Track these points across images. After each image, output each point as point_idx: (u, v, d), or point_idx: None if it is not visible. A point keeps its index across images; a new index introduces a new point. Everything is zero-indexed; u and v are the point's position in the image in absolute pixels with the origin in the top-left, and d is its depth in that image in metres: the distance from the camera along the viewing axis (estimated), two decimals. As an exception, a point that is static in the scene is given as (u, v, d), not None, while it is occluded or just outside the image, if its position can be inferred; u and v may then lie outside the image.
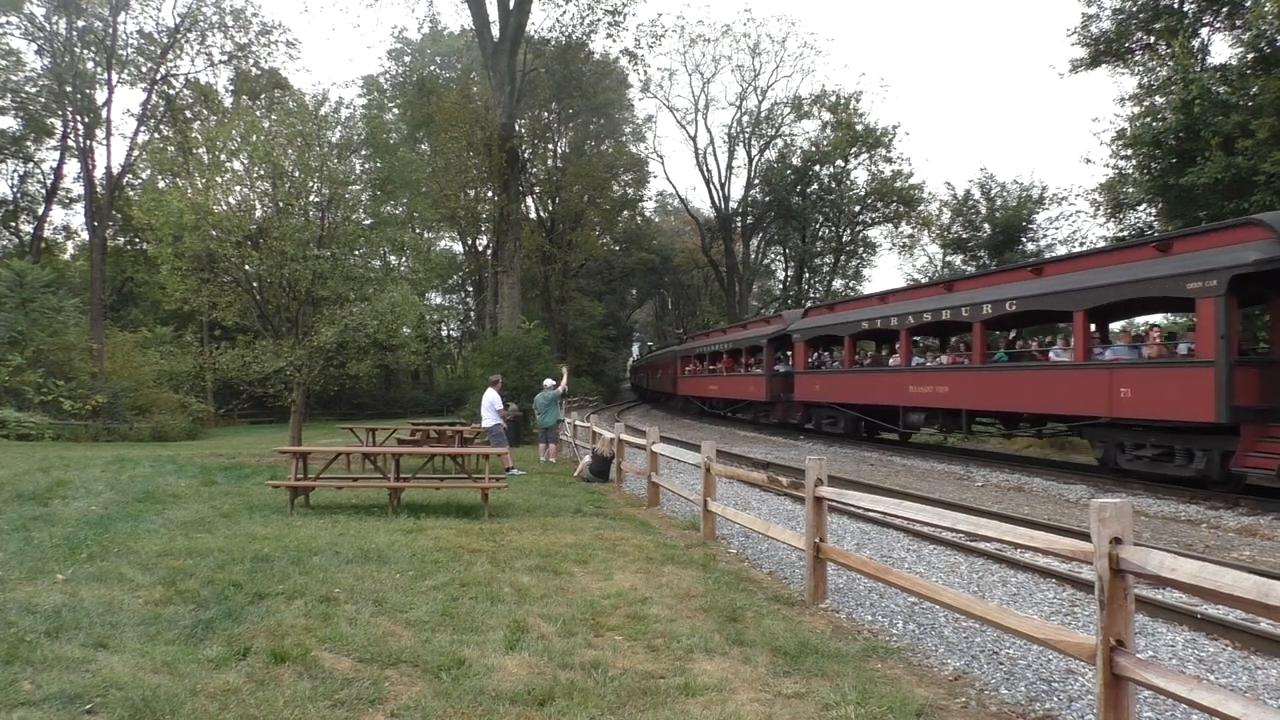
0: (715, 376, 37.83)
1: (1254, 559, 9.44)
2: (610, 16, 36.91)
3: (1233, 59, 25.24)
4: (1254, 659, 5.93)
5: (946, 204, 45.87)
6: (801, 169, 56.27)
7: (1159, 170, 24.50)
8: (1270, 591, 3.16)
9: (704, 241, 61.94)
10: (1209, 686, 3.77)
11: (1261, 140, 21.08)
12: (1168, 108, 24.06)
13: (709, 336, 42.56)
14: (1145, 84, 27.68)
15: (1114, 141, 27.66)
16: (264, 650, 5.33)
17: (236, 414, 42.72)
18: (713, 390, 38.50)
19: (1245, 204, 21.09)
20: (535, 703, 4.66)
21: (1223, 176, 21.59)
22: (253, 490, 13.46)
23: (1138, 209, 28.36)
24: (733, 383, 35.28)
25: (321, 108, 21.58)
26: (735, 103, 58.72)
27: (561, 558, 8.38)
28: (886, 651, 5.86)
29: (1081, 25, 29.72)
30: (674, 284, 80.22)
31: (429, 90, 48.80)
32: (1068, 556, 4.43)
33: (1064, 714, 4.85)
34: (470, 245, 58.64)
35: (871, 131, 54.86)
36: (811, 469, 7.22)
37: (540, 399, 19.52)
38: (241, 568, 7.57)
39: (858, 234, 59.72)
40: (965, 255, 43.69)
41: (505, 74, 31.23)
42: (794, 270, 62.71)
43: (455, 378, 57.78)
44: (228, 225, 18.55)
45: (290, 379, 19.13)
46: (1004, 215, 41.26)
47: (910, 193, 54.13)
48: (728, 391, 36.19)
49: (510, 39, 31.04)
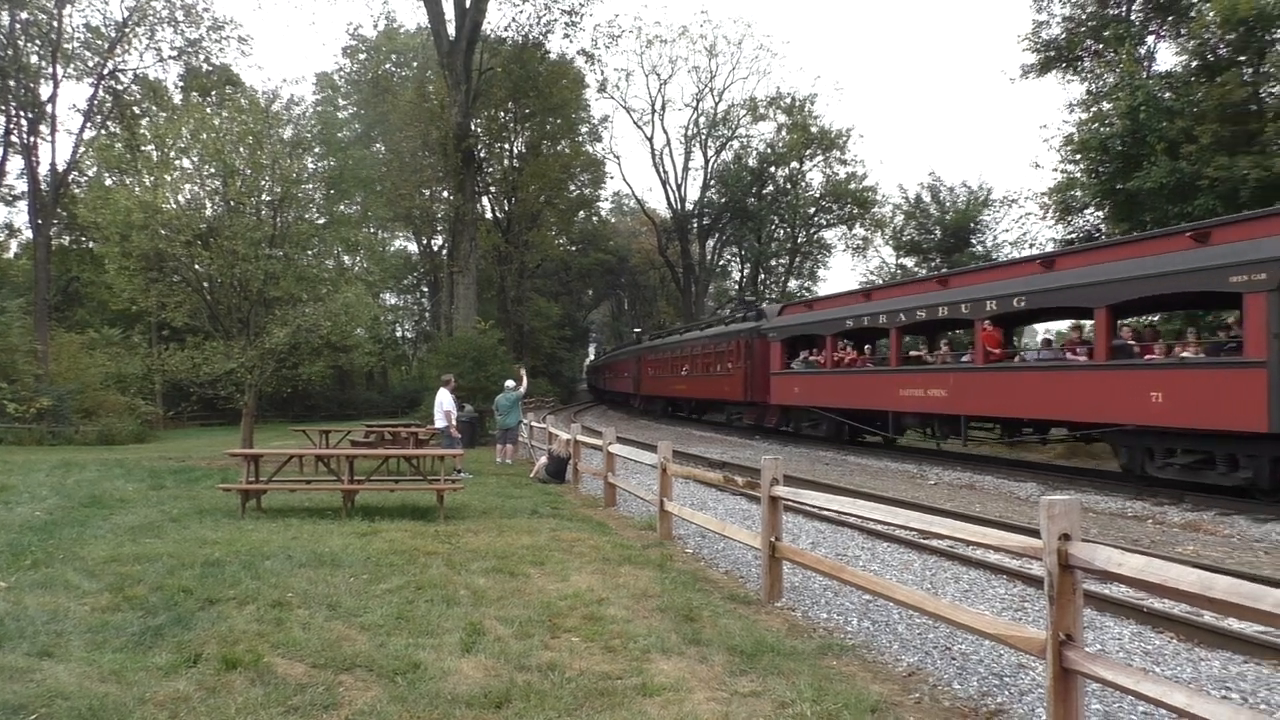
0: (685, 376, 36.22)
1: (1198, 553, 9.66)
2: (567, 16, 36.89)
3: (1177, 66, 25.86)
4: (1198, 650, 6.07)
5: (899, 207, 46.46)
6: (757, 170, 56.66)
7: (1106, 175, 25.00)
8: (1213, 585, 3.24)
9: (660, 242, 62.08)
10: (1155, 678, 3.86)
11: (1205, 145, 21.60)
12: (1115, 113, 24.56)
13: (677, 334, 40.87)
14: (1093, 90, 28.25)
15: (1063, 146, 28.17)
16: (215, 657, 5.26)
17: (186, 416, 41.89)
18: (681, 390, 37.16)
19: (1189, 208, 21.60)
20: (492, 705, 4.64)
21: (1168, 181, 22.08)
22: (203, 494, 13.26)
23: (1085, 212, 28.90)
24: (704, 382, 33.66)
25: (274, 105, 21.28)
26: (692, 104, 59.09)
27: (518, 559, 8.36)
28: (842, 649, 5.92)
29: (1033, 31, 30.23)
30: (631, 284, 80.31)
31: (384, 88, 48.50)
32: (1018, 553, 4.51)
33: (1015, 708, 4.92)
34: (425, 245, 58.28)
35: (826, 134, 55.41)
36: (767, 469, 7.27)
37: (503, 400, 19.45)
38: (192, 573, 7.45)
39: (813, 235, 60.25)
40: (918, 258, 44.22)
41: (461, 73, 31.02)
42: (750, 271, 63.11)
43: (410, 379, 57.40)
44: (177, 224, 18.22)
45: (241, 381, 18.84)
46: (953, 218, 41.84)
47: (864, 195, 54.77)
48: (699, 391, 34.65)
49: (466, 38, 30.84)
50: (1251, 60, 23.13)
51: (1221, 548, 10.21)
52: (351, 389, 57.51)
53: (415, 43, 52.07)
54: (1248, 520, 11.70)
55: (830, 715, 4.55)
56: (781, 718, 4.56)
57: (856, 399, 21.99)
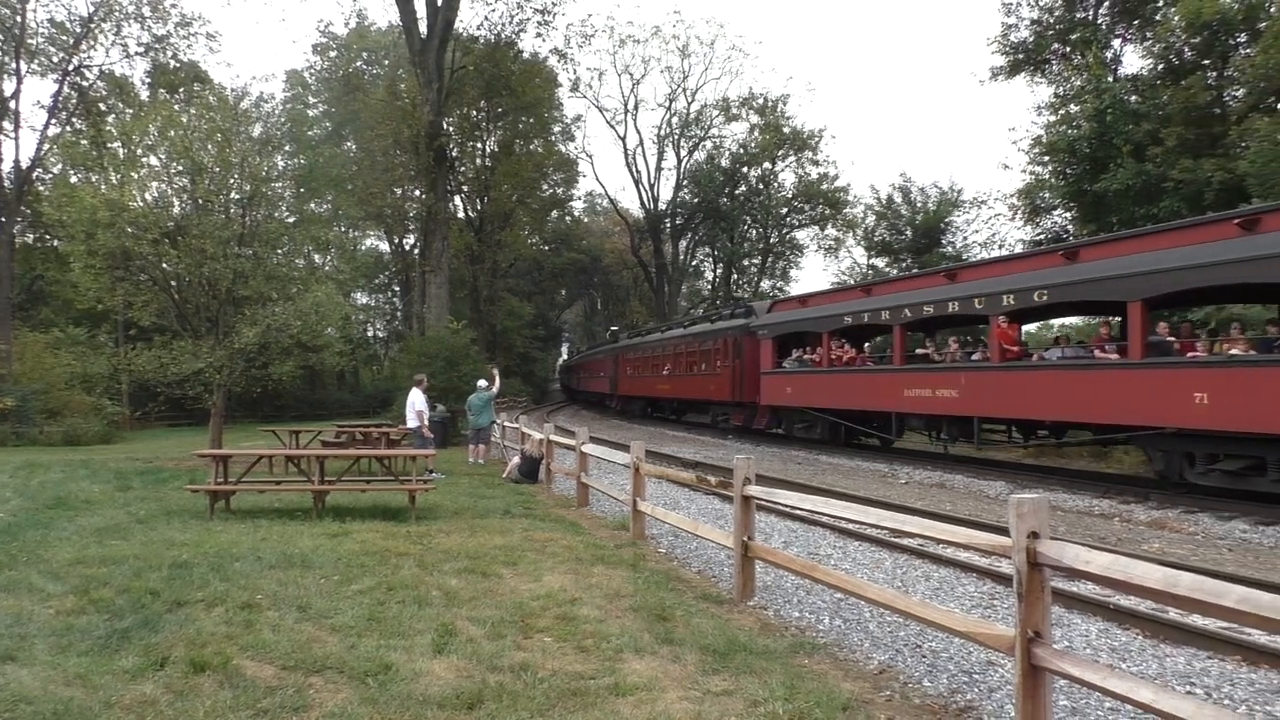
0: (667, 376, 34.84)
1: (1163, 551, 9.80)
2: (540, 16, 36.82)
3: (1144, 70, 26.28)
4: (1163, 647, 6.15)
5: (871, 207, 46.75)
6: (730, 171, 56.83)
7: (1074, 176, 25.33)
8: (1177, 582, 3.29)
9: (633, 242, 62.09)
10: (1121, 674, 3.91)
11: (1170, 148, 21.94)
12: (1082, 116, 24.90)
13: (659, 332, 39.55)
14: (1061, 93, 28.61)
15: (1031, 148, 28.51)
16: (183, 659, 5.20)
17: (154, 417, 41.34)
18: (663, 390, 35.76)
19: (1155, 209, 21.92)
20: (464, 706, 4.63)
21: (1134, 183, 22.42)
22: (171, 495, 13.13)
23: (1053, 213, 29.25)
24: (689, 382, 32.24)
25: (243, 102, 21.10)
26: (665, 104, 59.12)
27: (490, 559, 8.33)
28: (813, 647, 5.95)
29: (1002, 35, 30.60)
30: (603, 284, 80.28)
31: (355, 86, 48.13)
32: (988, 551, 4.55)
33: (984, 704, 4.97)
34: (397, 244, 57.91)
35: (799, 134, 55.68)
36: (739, 468, 7.29)
37: (475, 400, 19.37)
38: (159, 575, 7.37)
39: (785, 236, 60.51)
40: (889, 258, 44.51)
41: (433, 71, 30.86)
42: (722, 271, 63.27)
43: (382, 379, 56.97)
44: (144, 222, 18.01)
45: (210, 381, 18.66)
46: (924, 218, 42.16)
47: (836, 195, 55.09)
48: (682, 392, 33.29)
49: (438, 36, 30.68)
50: (1215, 64, 23.54)
51: (1186, 545, 10.36)
52: (322, 389, 57.07)
53: (386, 40, 51.77)
54: (1212, 518, 11.87)
55: (802, 713, 4.57)
56: (754, 716, 4.57)
57: (856, 400, 20.97)
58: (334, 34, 54.39)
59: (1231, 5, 22.20)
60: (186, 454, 20.01)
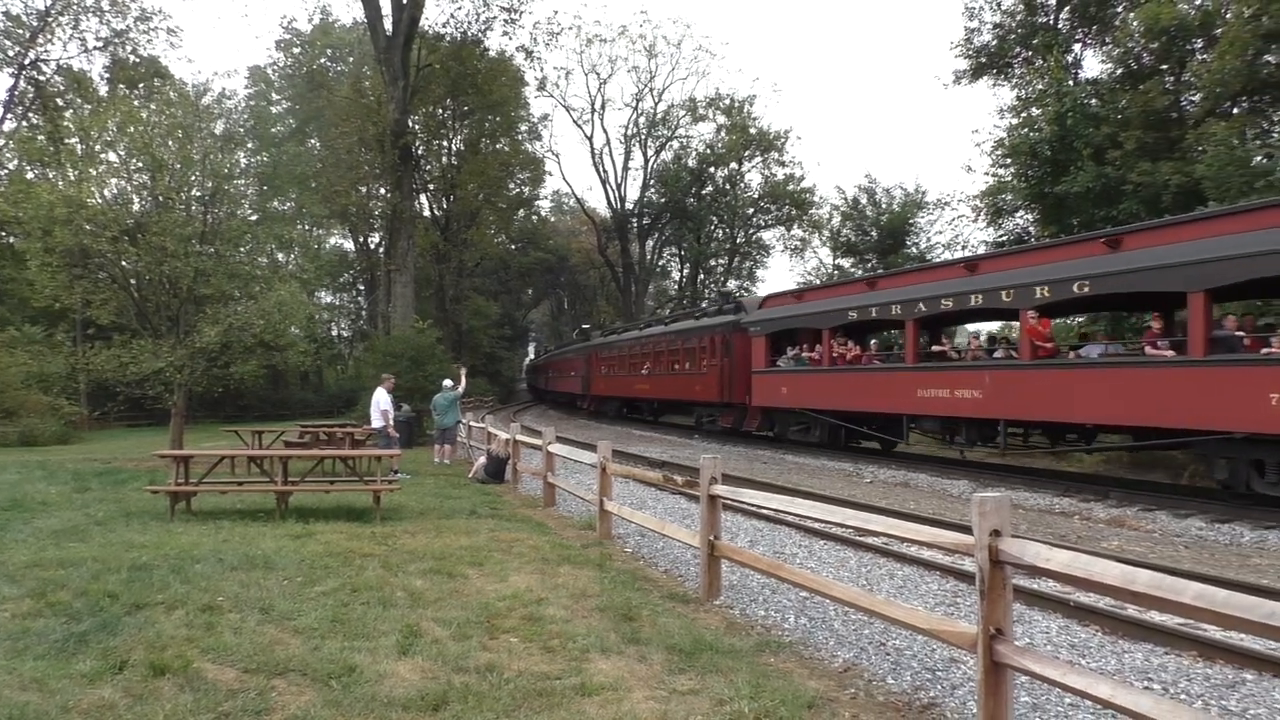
0: (646, 375, 33.33)
1: (1121, 548, 9.96)
2: (506, 14, 36.62)
3: (1103, 74, 26.65)
4: (1121, 643, 6.25)
5: (837, 208, 47.06)
6: (697, 171, 56.97)
7: (1035, 179, 25.61)
8: (1135, 579, 3.34)
9: (600, 241, 62.05)
10: (1080, 670, 3.97)
11: (1129, 151, 22.28)
12: (1043, 119, 25.21)
13: (637, 329, 37.86)
14: (1023, 96, 28.94)
15: (994, 151, 28.82)
16: (142, 663, 5.13)
17: (113, 417, 40.71)
18: (642, 391, 34.33)
19: (1115, 212, 22.26)
20: (429, 708, 4.60)
21: (1094, 185, 22.74)
22: (130, 496, 12.94)
23: (1016, 215, 29.59)
24: (671, 382, 30.73)
25: (204, 98, 20.86)
26: (631, 104, 59.10)
27: (456, 560, 8.29)
28: (779, 646, 5.98)
29: (965, 39, 30.90)
30: (570, 284, 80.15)
31: (319, 83, 47.71)
32: (951, 549, 4.59)
33: (947, 701, 5.02)
34: (362, 243, 57.42)
35: (765, 135, 55.93)
36: (706, 468, 7.31)
37: (441, 400, 19.27)
38: (118, 577, 7.26)
39: (751, 236, 60.78)
40: (855, 259, 44.82)
41: (399, 69, 30.64)
42: (689, 271, 63.40)
43: (346, 378, 56.49)
44: (103, 219, 17.77)
45: (171, 380, 18.41)
46: (889, 219, 42.52)
47: (802, 196, 55.39)
48: (664, 392, 31.76)
49: (404, 33, 30.47)
50: (1173, 69, 23.93)
51: (1145, 542, 10.54)
52: (285, 389, 56.49)
53: (351, 38, 51.35)
54: (1169, 515, 12.08)
55: (768, 712, 4.59)
56: (719, 715, 4.58)
57: (861, 401, 19.56)
58: (298, 30, 53.95)
59: (1188, 11, 22.59)
60: (146, 454, 19.71)
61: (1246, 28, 19.81)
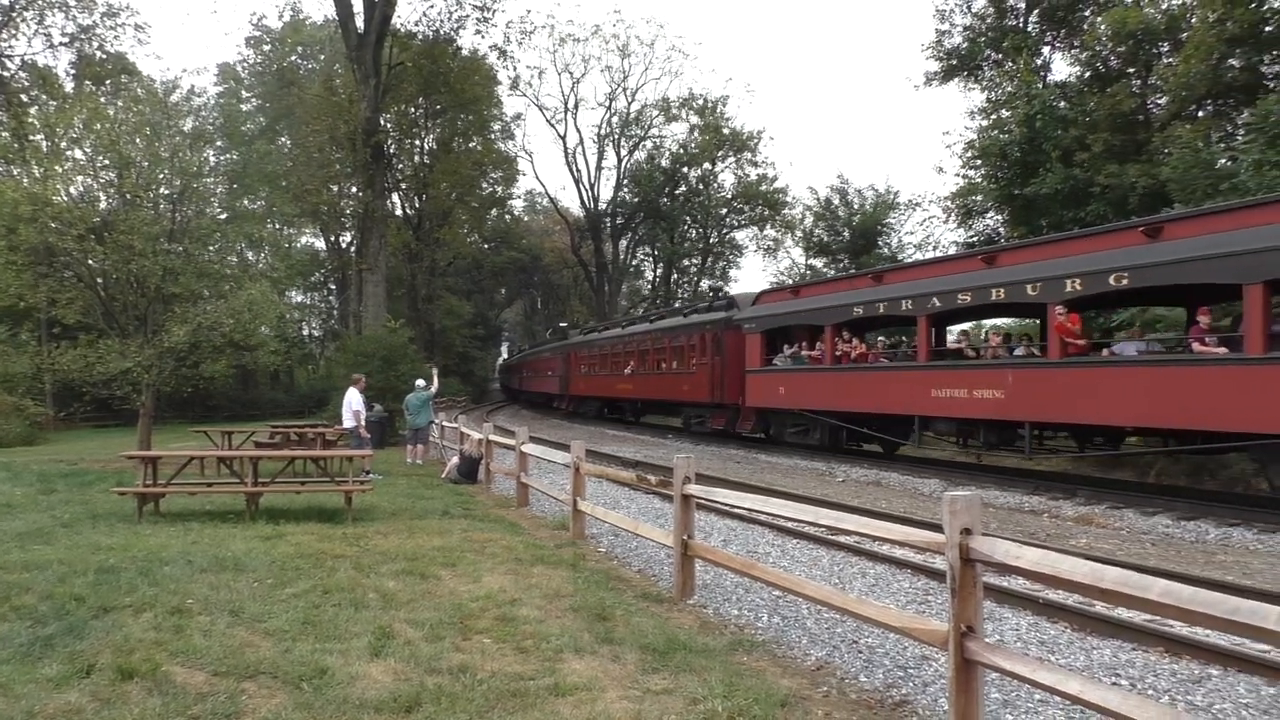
0: (630, 375, 31.99)
1: (1090, 545, 10.07)
2: (479, 12, 36.52)
3: (1072, 77, 27.01)
4: (1090, 639, 6.32)
5: (809, 208, 47.30)
6: (670, 171, 57.09)
7: (1005, 180, 25.89)
8: (1103, 576, 3.38)
9: (573, 241, 61.96)
10: (1050, 667, 4.01)
11: (1097, 154, 22.58)
12: (1013, 121, 25.49)
13: (619, 327, 36.66)
14: (993, 99, 29.26)
15: (965, 152, 29.10)
16: (110, 667, 5.06)
17: (79, 417, 40.16)
18: (625, 391, 33.05)
19: (1083, 213, 22.54)
20: (401, 709, 4.58)
21: (1062, 187, 23.03)
22: (97, 498, 12.78)
23: (986, 216, 29.88)
24: (657, 381, 29.50)
25: (172, 95, 20.66)
26: (605, 103, 59.04)
27: (428, 561, 8.25)
28: (752, 645, 6.00)
29: (936, 41, 31.18)
30: (544, 283, 79.96)
31: (290, 81, 47.29)
32: (922, 547, 4.62)
33: (919, 698, 5.06)
34: (333, 242, 56.98)
35: (738, 135, 56.18)
36: (680, 467, 7.32)
37: (413, 399, 19.16)
38: (84, 580, 7.16)
39: (724, 236, 61.04)
40: (827, 259, 45.06)
41: (370, 67, 30.44)
42: (663, 271, 63.49)
43: (317, 378, 56.04)
44: (68, 217, 17.55)
45: (138, 380, 18.20)
46: (861, 219, 42.78)
47: (775, 196, 55.68)
48: (649, 392, 30.43)
49: (375, 31, 30.28)
50: (1140, 73, 24.28)
51: (1112, 540, 10.66)
52: (256, 389, 56.03)
53: (322, 35, 50.88)
54: (1136, 513, 12.23)
55: (741, 710, 4.60)
56: (693, 714, 4.59)
57: (867, 401, 18.48)
58: (268, 27, 53.46)
59: (1155, 16, 22.93)
60: (113, 455, 19.46)
61: (1211, 32, 20.12)
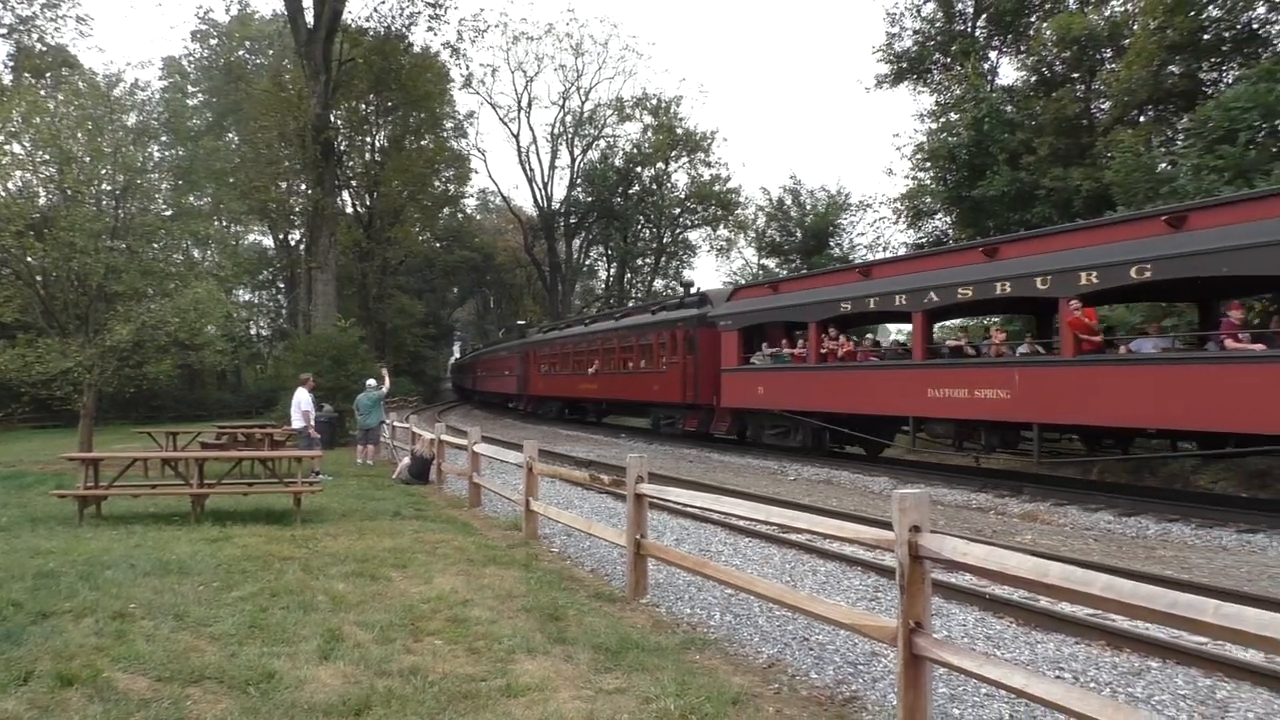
0: (595, 375, 30.86)
1: (1034, 542, 10.26)
2: (431, 9, 36.26)
3: (1018, 81, 27.48)
4: (1034, 634, 6.44)
5: (762, 209, 47.58)
6: (623, 170, 57.07)
7: (953, 182, 26.31)
8: (1047, 572, 3.44)
9: (527, 240, 61.64)
10: (995, 662, 4.08)
11: (1042, 157, 23.03)
12: (961, 124, 25.89)
13: (582, 325, 35.53)
14: (942, 102, 29.70)
15: (914, 155, 29.50)
16: (49, 673, 4.94)
17: (17, 418, 39.13)
18: (589, 391, 31.91)
19: (1028, 215, 22.97)
20: (351, 713, 4.53)
21: (1009, 189, 23.46)
22: (35, 501, 12.49)
23: (935, 217, 30.32)
24: (625, 381, 28.39)
25: (115, 89, 20.24)
26: (558, 102, 58.89)
27: (379, 562, 8.17)
28: (704, 643, 6.02)
29: (886, 44, 31.59)
30: (496, 283, 79.40)
31: (238, 76, 46.47)
32: (872, 545, 4.67)
33: (868, 694, 5.11)
34: (282, 240, 56.15)
35: (691, 135, 56.36)
36: (633, 467, 7.32)
37: (364, 399, 18.97)
38: (22, 585, 6.98)
39: (678, 236, 61.14)
40: (780, 259, 45.34)
41: (320, 63, 30.03)
42: (616, 270, 63.47)
43: (266, 378, 55.17)
44: (7, 213, 17.13)
45: (79, 380, 17.79)
46: (813, 220, 43.12)
47: (728, 196, 55.94)
48: (616, 392, 29.25)
49: (325, 26, 29.88)
50: (1084, 78, 24.80)
51: (1056, 536, 10.87)
52: (202, 389, 54.98)
53: (271, 30, 50.01)
54: (1079, 510, 12.48)
55: (693, 709, 4.62)
56: (646, 713, 4.60)
57: (856, 402, 17.56)
58: (214, 21, 52.35)
59: (1098, 23, 23.45)
60: (53, 457, 18.99)
61: (1152, 39, 20.62)
